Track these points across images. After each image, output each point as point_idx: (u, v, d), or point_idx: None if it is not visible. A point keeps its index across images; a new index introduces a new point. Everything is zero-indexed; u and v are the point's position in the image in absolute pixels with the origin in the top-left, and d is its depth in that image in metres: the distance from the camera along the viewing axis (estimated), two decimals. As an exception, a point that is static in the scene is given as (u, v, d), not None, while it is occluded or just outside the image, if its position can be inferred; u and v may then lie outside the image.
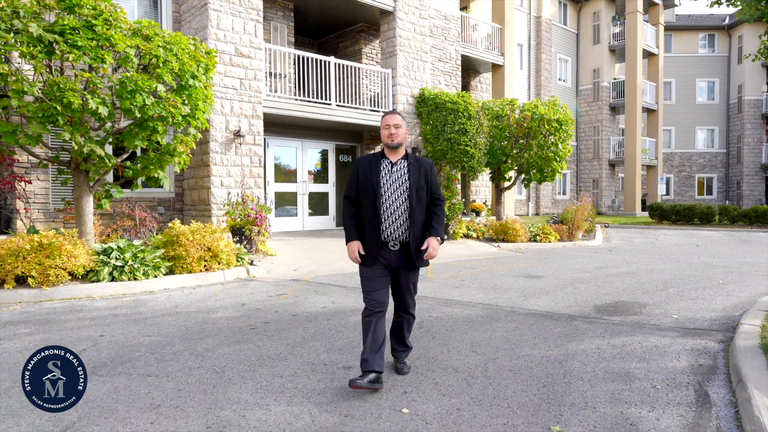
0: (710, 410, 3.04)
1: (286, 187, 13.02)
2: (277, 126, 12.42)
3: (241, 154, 10.50)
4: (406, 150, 3.60)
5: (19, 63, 7.24)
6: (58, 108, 6.28)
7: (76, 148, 6.72)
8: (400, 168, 3.50)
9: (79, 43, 6.28)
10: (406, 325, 3.70)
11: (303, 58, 12.37)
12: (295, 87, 12.66)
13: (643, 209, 27.33)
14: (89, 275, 6.68)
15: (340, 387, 3.43)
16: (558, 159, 14.33)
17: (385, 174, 3.47)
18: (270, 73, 11.87)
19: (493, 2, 19.73)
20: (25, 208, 8.75)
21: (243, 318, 5.37)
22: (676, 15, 32.88)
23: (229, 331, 4.83)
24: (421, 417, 2.98)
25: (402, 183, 3.46)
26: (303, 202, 13.32)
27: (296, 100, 12.00)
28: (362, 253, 3.45)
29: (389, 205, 3.43)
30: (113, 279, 6.73)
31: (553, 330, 4.89)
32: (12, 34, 6.17)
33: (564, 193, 27.39)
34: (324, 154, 14.02)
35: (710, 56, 31.98)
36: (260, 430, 2.80)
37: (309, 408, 3.09)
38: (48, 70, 6.64)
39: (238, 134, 10.36)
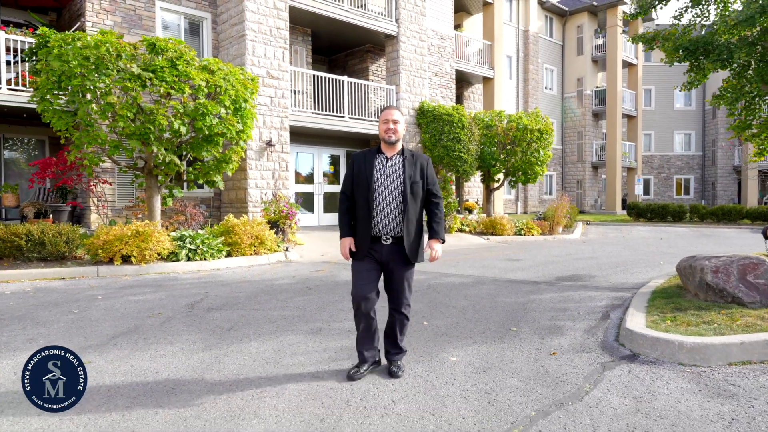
0: (606, 321, 5.09)
1: (305, 188, 15.02)
2: (297, 135, 14.40)
3: (272, 160, 12.49)
4: (403, 146, 3.58)
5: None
6: (151, 128, 8.26)
7: (160, 158, 8.70)
8: (396, 163, 3.46)
9: (167, 79, 8.27)
10: (399, 326, 3.60)
11: (320, 78, 14.36)
12: (313, 102, 14.65)
13: (623, 208, 29.49)
14: (170, 256, 8.65)
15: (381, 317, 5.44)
16: (540, 163, 16.42)
17: (379, 169, 3.45)
18: (293, 91, 13.86)
19: (484, 21, 21.81)
20: (102, 205, 10.70)
21: (299, 284, 7.38)
22: (656, 25, 35.13)
23: (293, 291, 6.84)
24: (434, 326, 5.00)
25: (396, 178, 3.43)
26: (319, 201, 15.32)
27: (315, 113, 13.99)
28: (353, 249, 3.48)
29: (382, 200, 3.41)
30: (188, 259, 8.71)
31: (522, 289, 6.94)
32: (116, 72, 8.14)
33: (550, 193, 29.52)
34: (336, 159, 16.02)
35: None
36: (342, 330, 4.81)
37: (366, 322, 5.10)
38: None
39: (269, 144, 12.35)
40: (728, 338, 3.90)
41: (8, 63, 10.45)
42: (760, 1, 6.52)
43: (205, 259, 8.85)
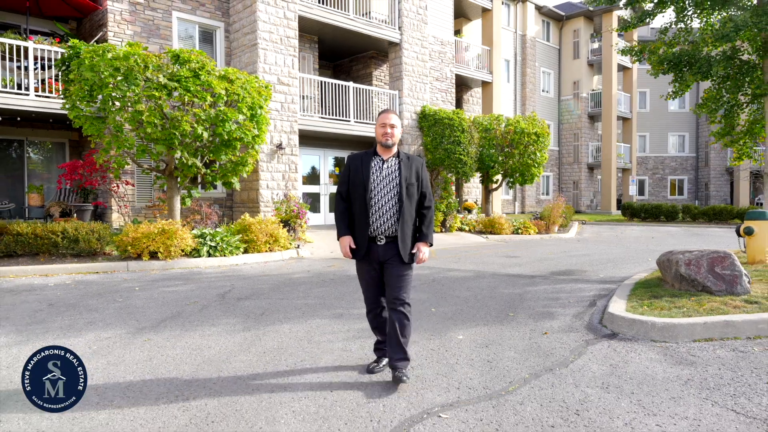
0: (592, 308, 5.77)
1: (312, 189, 15.68)
2: (304, 138, 15.05)
3: (283, 163, 13.15)
4: (398, 148, 3.63)
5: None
6: (176, 133, 8.91)
7: (183, 161, 9.35)
8: (392, 165, 3.52)
9: (191, 88, 8.92)
10: (399, 327, 3.44)
11: (327, 84, 15.03)
12: (319, 106, 15.31)
13: (618, 208, 30.22)
14: (192, 252, 9.30)
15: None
16: (536, 165, 17.12)
17: (376, 171, 3.50)
18: (301, 96, 14.52)
19: (483, 26, 22.49)
20: (125, 205, 11.35)
21: (315, 277, 8.05)
22: (651, 29, 35.87)
23: (311, 283, 7.51)
24: (441, 312, 5.67)
25: (392, 179, 3.49)
26: (325, 201, 15.97)
27: (321, 117, 14.65)
28: (353, 247, 3.56)
29: (377, 201, 3.47)
30: (209, 255, 9.36)
31: (519, 282, 7.62)
32: (144, 82, 8.79)
33: (547, 194, 30.23)
34: (341, 161, 16.68)
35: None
36: (361, 315, 5.47)
37: (381, 309, 5.76)
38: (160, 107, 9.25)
39: (279, 147, 13.01)
40: (694, 319, 4.58)
41: (35, 70, 11.07)
42: (735, 21, 7.20)
43: (224, 256, 9.50)
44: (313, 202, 15.71)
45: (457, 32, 22.50)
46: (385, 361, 3.69)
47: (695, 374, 3.65)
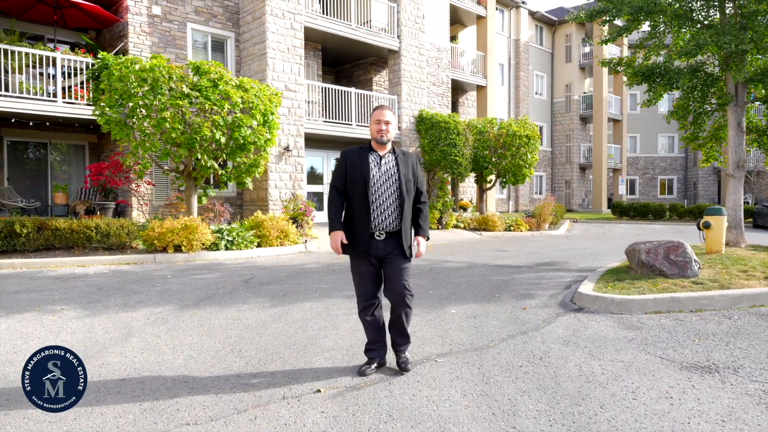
0: (567, 290, 6.73)
1: (315, 188, 16.62)
2: (309, 141, 15.97)
3: (290, 164, 14.08)
4: (392, 144, 3.69)
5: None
6: (197, 138, 9.83)
7: (202, 163, 10.27)
8: (389, 161, 3.59)
9: (211, 97, 9.84)
10: (404, 318, 3.66)
11: (330, 89, 15.96)
12: (322, 110, 16.24)
13: (609, 207, 31.24)
14: (211, 246, 10.22)
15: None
16: (528, 166, 18.10)
17: (374, 167, 3.54)
18: (307, 102, 15.45)
19: (478, 32, 23.46)
20: (145, 204, 12.25)
21: (325, 268, 8.98)
22: (642, 32, 36.91)
23: (322, 272, 8.44)
24: (437, 294, 6.62)
25: (392, 175, 3.55)
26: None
27: (325, 121, 15.59)
28: (345, 242, 3.54)
29: (379, 197, 3.51)
30: (227, 249, 10.28)
31: (506, 271, 8.58)
32: (168, 91, 9.71)
33: (540, 193, 31.23)
34: (343, 162, 17.62)
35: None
36: (369, 296, 6.40)
37: (386, 291, 6.70)
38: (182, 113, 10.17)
39: (287, 149, 13.93)
40: (646, 296, 5.54)
41: (62, 78, 11.96)
42: (697, 40, 8.17)
43: (240, 249, 10.42)
44: (316, 200, 16.64)
45: (453, 38, 23.44)
46: (377, 363, 3.70)
47: (638, 335, 4.61)
